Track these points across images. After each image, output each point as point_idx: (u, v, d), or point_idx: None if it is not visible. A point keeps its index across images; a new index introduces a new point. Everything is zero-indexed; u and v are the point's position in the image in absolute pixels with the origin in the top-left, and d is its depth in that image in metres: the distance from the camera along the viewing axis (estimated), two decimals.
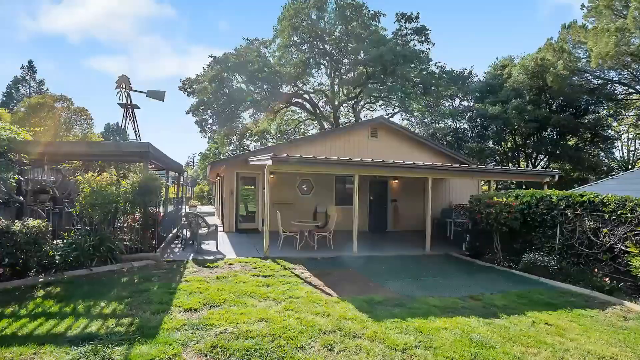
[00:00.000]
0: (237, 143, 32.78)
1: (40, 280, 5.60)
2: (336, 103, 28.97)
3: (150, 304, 4.70)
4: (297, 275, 6.63)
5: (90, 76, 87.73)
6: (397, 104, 27.55)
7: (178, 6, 69.99)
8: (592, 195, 7.22)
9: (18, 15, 65.81)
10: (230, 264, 7.28)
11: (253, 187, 13.13)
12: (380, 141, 13.87)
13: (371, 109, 31.27)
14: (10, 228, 5.48)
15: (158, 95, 13.59)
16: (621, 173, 16.66)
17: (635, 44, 19.15)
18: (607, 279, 6.52)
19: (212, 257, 7.91)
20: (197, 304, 4.74)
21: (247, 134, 32.04)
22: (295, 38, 26.32)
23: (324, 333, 4.04)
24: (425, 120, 30.04)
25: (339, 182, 13.78)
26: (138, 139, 14.31)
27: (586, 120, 25.22)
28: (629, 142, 28.12)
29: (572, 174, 25.90)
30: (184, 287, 5.47)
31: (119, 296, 5.01)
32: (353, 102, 29.42)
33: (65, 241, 6.53)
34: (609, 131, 26.15)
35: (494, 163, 27.76)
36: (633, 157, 27.89)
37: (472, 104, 27.67)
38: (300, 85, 28.63)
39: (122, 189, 7.38)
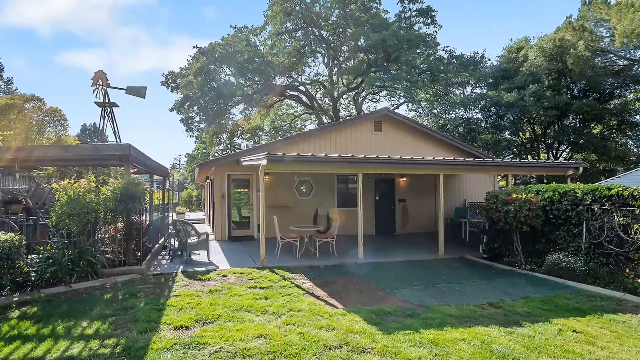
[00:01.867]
0: (228, 142, 32.83)
1: (15, 299, 5.60)
2: (335, 95, 28.96)
3: (136, 323, 4.70)
4: (297, 286, 6.64)
5: (63, 73, 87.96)
6: (402, 94, 27.52)
7: None
8: (620, 188, 7.23)
9: None
10: (223, 276, 7.29)
11: (246, 189, 13.14)
12: (385, 135, 13.89)
13: (374, 100, 31.26)
14: None
15: (139, 91, 13.56)
16: None
17: None
18: None
19: (203, 269, 7.92)
20: (189, 321, 4.75)
21: (238, 132, 32.07)
22: (288, 24, 26.33)
23: (329, 349, 4.05)
24: (435, 110, 30.03)
25: (340, 181, 13.79)
26: (118, 140, 14.29)
27: (612, 106, 25.23)
28: None
29: (597, 165, 25.93)
30: (173, 303, 5.48)
31: (103, 314, 5.02)
32: (354, 93, 29.41)
33: (41, 256, 6.52)
34: (637, 117, 26.16)
35: (512, 156, 27.81)
36: None
37: (485, 91, 27.66)
38: (295, 76, 28.65)
39: (102, 197, 7.39)
